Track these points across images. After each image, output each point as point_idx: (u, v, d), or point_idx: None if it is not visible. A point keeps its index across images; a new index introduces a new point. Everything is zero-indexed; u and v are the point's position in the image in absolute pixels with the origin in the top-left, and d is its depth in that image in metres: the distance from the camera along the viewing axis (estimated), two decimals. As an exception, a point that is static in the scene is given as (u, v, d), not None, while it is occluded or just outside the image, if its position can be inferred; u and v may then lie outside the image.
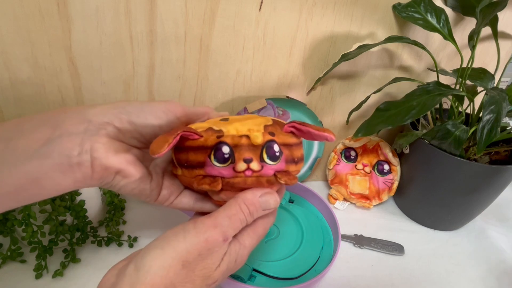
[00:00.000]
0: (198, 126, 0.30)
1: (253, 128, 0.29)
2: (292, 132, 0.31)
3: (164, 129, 0.30)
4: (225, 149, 0.28)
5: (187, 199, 0.33)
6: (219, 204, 0.31)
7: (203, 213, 0.31)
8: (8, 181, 0.24)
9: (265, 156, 0.29)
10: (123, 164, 0.28)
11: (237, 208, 0.28)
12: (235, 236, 0.29)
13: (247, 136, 0.28)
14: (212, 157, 0.28)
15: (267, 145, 0.29)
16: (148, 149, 0.31)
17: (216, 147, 0.28)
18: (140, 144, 0.31)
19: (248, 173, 0.28)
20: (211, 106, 0.35)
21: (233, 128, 0.29)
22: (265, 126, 0.29)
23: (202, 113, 0.33)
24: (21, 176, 0.24)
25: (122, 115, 0.28)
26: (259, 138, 0.28)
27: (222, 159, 0.28)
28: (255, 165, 0.28)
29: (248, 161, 0.28)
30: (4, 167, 0.24)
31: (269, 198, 0.30)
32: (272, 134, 0.29)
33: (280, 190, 0.33)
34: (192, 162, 0.29)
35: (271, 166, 0.29)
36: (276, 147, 0.29)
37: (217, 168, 0.28)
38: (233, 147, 0.28)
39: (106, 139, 0.27)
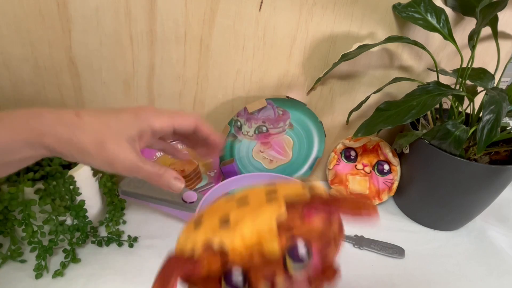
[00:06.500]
0: (193, 241, 0.24)
1: (264, 235, 0.23)
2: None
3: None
4: (236, 276, 0.23)
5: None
6: None
7: None
8: None
9: (289, 263, 0.23)
10: None
11: None
12: None
13: (259, 247, 0.23)
14: (223, 284, 0.23)
15: (289, 249, 0.23)
16: None
17: (225, 276, 0.23)
18: None
19: None
20: (195, 115, 0.32)
21: (238, 239, 0.23)
22: (279, 225, 0.23)
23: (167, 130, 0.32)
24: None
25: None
26: (275, 248, 0.22)
27: (237, 286, 0.23)
28: (280, 281, 0.23)
29: (270, 277, 0.22)
30: None
31: None
32: (289, 229, 0.23)
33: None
34: None
35: (301, 271, 0.23)
36: (301, 247, 0.23)
37: None
38: (245, 269, 0.23)
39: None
